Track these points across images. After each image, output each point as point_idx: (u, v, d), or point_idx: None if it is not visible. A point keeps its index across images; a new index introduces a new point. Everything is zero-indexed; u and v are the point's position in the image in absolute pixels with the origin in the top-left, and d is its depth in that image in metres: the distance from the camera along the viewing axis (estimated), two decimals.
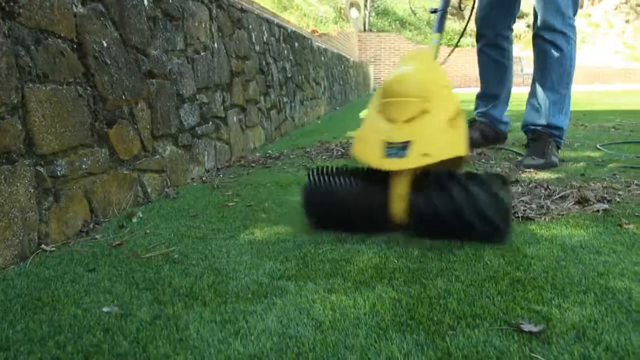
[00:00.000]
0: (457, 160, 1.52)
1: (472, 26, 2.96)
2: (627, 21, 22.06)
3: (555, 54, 2.42)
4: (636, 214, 1.64)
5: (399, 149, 1.39)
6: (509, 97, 2.99)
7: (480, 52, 2.90)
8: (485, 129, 2.96)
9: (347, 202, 1.45)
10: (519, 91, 4.59)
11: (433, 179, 1.40)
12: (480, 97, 3.00)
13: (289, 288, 1.15)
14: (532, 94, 2.61)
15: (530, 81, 2.72)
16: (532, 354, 0.85)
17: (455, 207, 1.34)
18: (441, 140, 1.43)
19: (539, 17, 2.46)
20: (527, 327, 0.93)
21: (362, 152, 1.46)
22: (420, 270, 1.23)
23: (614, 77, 17.35)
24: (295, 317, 1.01)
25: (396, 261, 1.29)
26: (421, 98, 1.43)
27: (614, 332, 0.91)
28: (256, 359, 0.86)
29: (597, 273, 1.18)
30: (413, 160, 1.37)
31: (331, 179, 1.49)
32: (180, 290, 1.15)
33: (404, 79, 1.48)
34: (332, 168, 1.52)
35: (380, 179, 1.43)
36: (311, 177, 1.51)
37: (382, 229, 1.48)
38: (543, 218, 1.63)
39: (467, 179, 1.38)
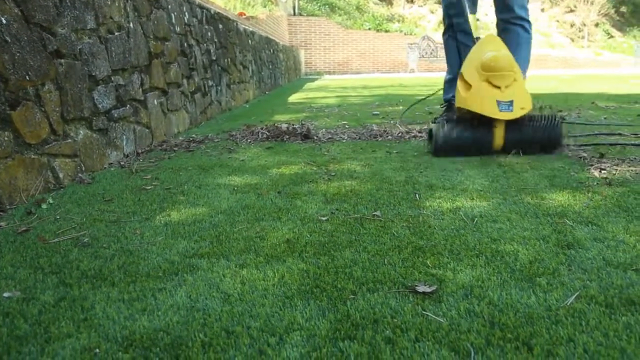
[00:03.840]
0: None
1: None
2: (542, 10, 23.37)
3: (526, 35, 3.02)
4: (535, 185, 1.78)
5: (508, 105, 2.19)
6: None
7: (450, 39, 3.26)
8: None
9: (466, 140, 2.31)
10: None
11: (518, 122, 2.25)
12: (450, 82, 3.30)
13: (201, 265, 1.16)
14: None
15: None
16: (424, 312, 0.92)
17: (533, 138, 2.28)
18: (527, 98, 2.26)
19: (510, 9, 2.97)
20: (421, 288, 1.00)
21: (480, 108, 2.23)
22: (331, 244, 1.28)
23: (530, 63, 18.35)
24: (204, 291, 1.03)
25: (309, 236, 1.34)
26: (514, 72, 2.24)
27: (497, 289, 1.00)
28: (161, 332, 0.87)
29: (490, 239, 1.28)
30: (516, 113, 2.20)
31: (456, 124, 2.36)
32: (88, 272, 1.13)
33: (502, 59, 2.24)
34: (454, 118, 2.48)
35: (485, 125, 2.26)
36: (441, 123, 2.37)
37: (489, 153, 2.30)
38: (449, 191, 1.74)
39: (536, 120, 2.30)
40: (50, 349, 0.83)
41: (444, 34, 3.40)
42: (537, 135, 2.28)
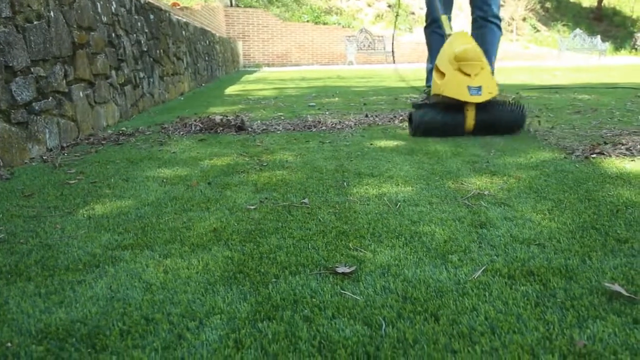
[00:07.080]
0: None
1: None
2: None
3: (499, 33, 3.50)
4: (457, 171, 1.87)
5: (477, 90, 2.49)
6: None
7: (433, 33, 3.70)
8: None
9: (441, 122, 2.60)
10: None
11: (487, 106, 2.55)
12: (432, 70, 3.57)
13: (124, 257, 1.15)
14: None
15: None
16: (342, 291, 0.96)
17: (500, 120, 2.59)
18: (494, 84, 2.57)
19: (489, 8, 3.42)
20: (341, 269, 1.04)
21: (453, 93, 2.51)
22: (258, 231, 1.30)
23: None
24: (125, 282, 1.02)
25: (236, 224, 1.35)
26: (482, 61, 2.56)
27: (412, 267, 1.06)
28: (79, 323, 0.86)
29: (411, 221, 1.34)
30: (485, 97, 2.50)
31: (432, 109, 2.69)
32: (3, 268, 1.10)
33: (471, 51, 2.55)
34: (430, 103, 2.80)
35: (457, 109, 2.57)
36: (418, 109, 2.70)
37: (461, 135, 2.59)
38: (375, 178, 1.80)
39: (503, 105, 2.62)
40: None
41: (426, 28, 3.81)
42: (504, 117, 2.59)
